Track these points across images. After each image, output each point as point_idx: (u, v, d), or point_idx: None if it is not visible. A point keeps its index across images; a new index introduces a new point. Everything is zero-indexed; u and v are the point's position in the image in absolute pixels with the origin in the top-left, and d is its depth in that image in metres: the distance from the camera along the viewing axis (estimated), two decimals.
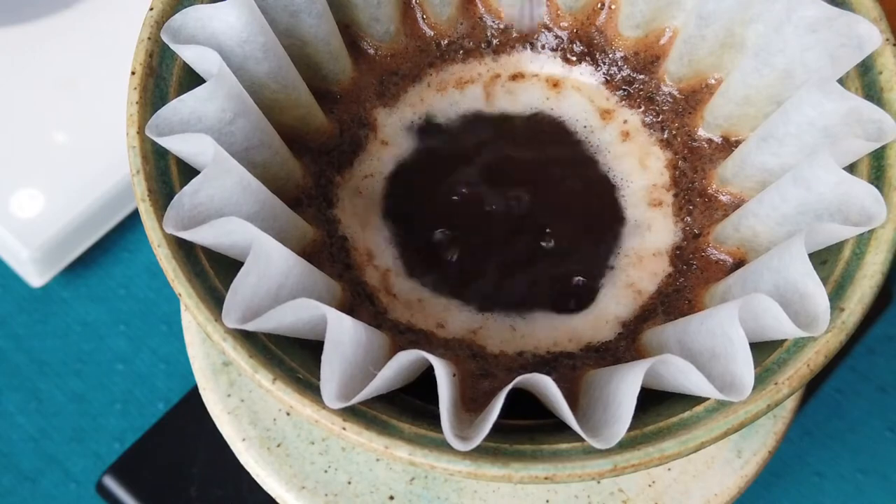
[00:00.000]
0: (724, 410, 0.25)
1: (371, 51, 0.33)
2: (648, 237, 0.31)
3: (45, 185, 0.45)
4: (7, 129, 0.46)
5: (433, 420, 0.25)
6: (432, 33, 0.34)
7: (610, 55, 0.33)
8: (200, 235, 0.25)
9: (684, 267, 0.30)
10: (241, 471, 0.33)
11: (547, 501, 0.31)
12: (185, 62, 0.28)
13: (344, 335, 0.24)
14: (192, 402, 0.41)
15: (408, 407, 0.26)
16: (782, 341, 0.26)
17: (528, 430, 0.26)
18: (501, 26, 0.34)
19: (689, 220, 0.31)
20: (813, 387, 0.43)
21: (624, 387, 0.24)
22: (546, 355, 0.29)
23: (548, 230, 0.32)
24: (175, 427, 0.41)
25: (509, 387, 0.25)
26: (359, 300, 0.30)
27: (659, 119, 0.33)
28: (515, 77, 0.34)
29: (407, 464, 0.25)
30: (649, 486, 0.32)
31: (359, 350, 0.25)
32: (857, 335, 0.44)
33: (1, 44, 0.48)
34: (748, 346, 0.24)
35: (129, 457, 0.41)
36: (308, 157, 0.31)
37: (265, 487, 0.32)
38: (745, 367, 0.24)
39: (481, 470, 0.24)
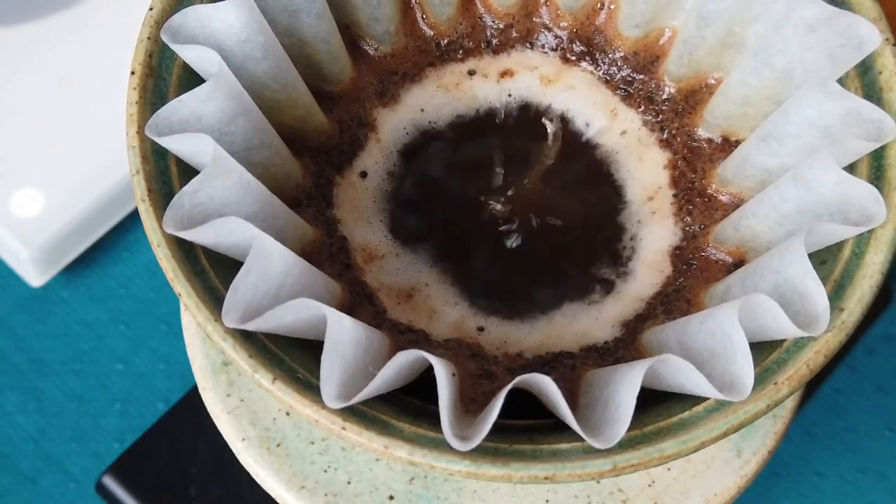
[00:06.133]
0: (723, 410, 0.25)
1: (371, 51, 0.33)
2: (648, 237, 0.31)
3: (45, 185, 0.45)
4: (7, 129, 0.46)
5: (433, 420, 0.25)
6: (432, 33, 0.34)
7: (609, 55, 0.33)
8: (200, 235, 0.25)
9: (684, 267, 0.30)
10: (240, 471, 0.33)
11: (547, 501, 0.31)
12: (184, 62, 0.28)
13: (343, 335, 0.24)
14: (191, 402, 0.41)
15: (408, 407, 0.26)
16: (782, 341, 0.26)
17: (527, 430, 0.26)
18: (501, 26, 0.34)
19: (688, 220, 0.31)
20: (813, 387, 0.43)
21: (624, 387, 0.24)
22: (546, 355, 0.29)
23: (547, 230, 0.32)
24: (175, 427, 0.41)
25: (509, 387, 0.25)
26: (359, 300, 0.30)
27: (658, 119, 0.33)
28: (515, 76, 0.34)
29: (406, 464, 0.25)
30: (649, 485, 0.32)
31: (358, 350, 0.25)
32: (856, 335, 0.43)
33: (1, 44, 0.48)
34: (748, 346, 0.24)
35: (129, 457, 0.41)
36: (308, 157, 0.31)
37: (265, 487, 0.32)
38: (744, 367, 0.24)
39: (481, 470, 0.24)
